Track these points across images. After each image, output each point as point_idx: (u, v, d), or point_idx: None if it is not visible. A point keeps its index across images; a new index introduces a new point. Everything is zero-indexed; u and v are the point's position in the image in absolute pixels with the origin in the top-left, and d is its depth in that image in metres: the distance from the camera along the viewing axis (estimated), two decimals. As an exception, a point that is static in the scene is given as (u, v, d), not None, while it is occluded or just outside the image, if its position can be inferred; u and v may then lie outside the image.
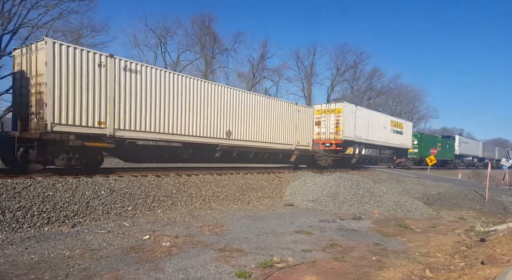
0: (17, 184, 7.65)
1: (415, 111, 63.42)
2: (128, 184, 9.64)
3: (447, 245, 8.04)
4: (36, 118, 9.44)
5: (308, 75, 49.82)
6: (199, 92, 13.41)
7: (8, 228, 6.63)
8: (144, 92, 11.41)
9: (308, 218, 10.20)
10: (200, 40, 38.01)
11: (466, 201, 17.54)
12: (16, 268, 5.08)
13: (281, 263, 5.86)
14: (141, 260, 5.68)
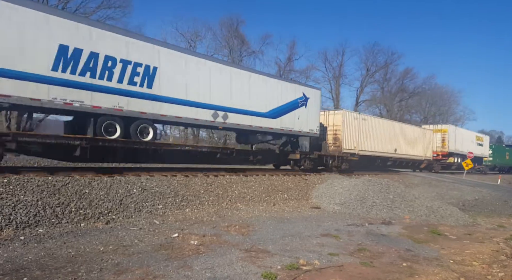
0: (56, 181, 8.11)
1: (451, 113, 60.85)
2: (159, 183, 9.95)
3: (484, 254, 7.63)
4: (335, 146, 19.33)
5: (337, 76, 49.19)
6: (384, 127, 23.05)
7: (49, 223, 7.04)
8: (367, 130, 21.20)
9: (335, 222, 10.04)
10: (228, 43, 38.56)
11: (506, 207, 16.59)
12: (55, 260, 5.39)
13: (307, 266, 5.82)
14: (170, 257, 5.85)
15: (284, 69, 44.06)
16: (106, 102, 10.17)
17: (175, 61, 11.82)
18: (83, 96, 9.70)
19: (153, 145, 11.42)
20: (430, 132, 28.01)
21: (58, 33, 9.22)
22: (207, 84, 12.76)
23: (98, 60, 9.96)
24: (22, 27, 8.63)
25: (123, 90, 10.52)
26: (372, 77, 50.87)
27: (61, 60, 9.31)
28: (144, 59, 10.98)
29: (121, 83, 10.48)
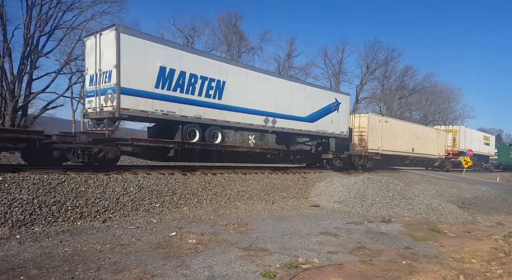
0: (52, 179, 8.03)
1: (450, 111, 60.86)
2: (156, 181, 9.88)
3: (483, 251, 7.60)
4: (360, 146, 20.88)
5: (336, 73, 49.08)
6: (403, 128, 24.80)
7: (45, 222, 6.97)
8: (388, 131, 22.96)
9: (334, 220, 10.01)
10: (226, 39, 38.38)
11: (504, 205, 16.60)
12: (51, 259, 5.33)
13: (307, 264, 5.77)
14: (168, 256, 5.79)
15: (284, 66, 43.96)
16: (190, 112, 12.32)
17: (238, 75, 13.90)
18: (175, 108, 11.85)
19: (221, 147, 13.52)
20: (443, 133, 30.28)
21: (159, 57, 11.34)
22: (260, 94, 14.73)
23: (185, 78, 12.09)
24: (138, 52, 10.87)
25: (202, 101, 12.67)
26: (372, 75, 50.80)
27: (161, 79, 11.42)
28: (216, 75, 13.07)
29: (200, 96, 12.61)
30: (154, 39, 11.59)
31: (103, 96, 10.96)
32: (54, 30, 25.11)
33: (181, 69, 11.95)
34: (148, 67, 11.08)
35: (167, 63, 11.54)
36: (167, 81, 11.59)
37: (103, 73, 10.96)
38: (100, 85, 11.05)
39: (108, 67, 10.81)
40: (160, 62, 11.38)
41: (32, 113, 26.34)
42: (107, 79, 10.82)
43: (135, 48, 10.78)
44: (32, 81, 24.85)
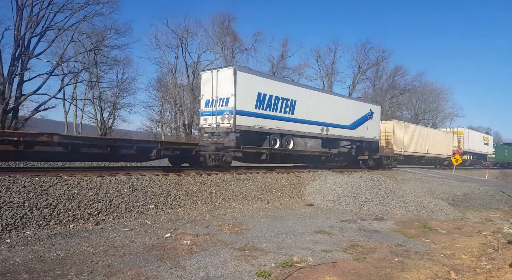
0: (44, 182, 7.95)
1: (440, 110, 61.62)
2: (150, 183, 9.83)
3: (473, 247, 7.74)
4: (387, 148, 23.99)
5: (329, 73, 49.31)
6: (420, 132, 28.97)
7: (36, 225, 6.89)
8: (409, 135, 26.56)
9: (328, 218, 10.08)
10: (220, 40, 38.24)
11: (493, 202, 16.89)
12: (43, 263, 5.28)
13: (301, 263, 5.81)
14: (162, 258, 5.78)
15: (277, 67, 43.96)
16: (274, 125, 16.01)
17: (304, 95, 17.72)
18: (265, 122, 15.57)
19: (292, 151, 17.55)
20: (450, 135, 34.75)
21: (257, 85, 15.11)
22: (318, 108, 18.34)
23: (272, 99, 15.80)
24: (246, 83, 14.65)
25: (281, 116, 16.38)
26: (364, 75, 51.10)
27: (258, 101, 15.15)
28: (290, 96, 16.78)
29: (280, 113, 16.30)
30: (254, 73, 16.00)
31: (220, 116, 14.66)
32: (46, 31, 24.80)
33: (270, 93, 15.71)
34: (251, 94, 14.90)
35: (261, 89, 15.31)
36: (261, 103, 15.38)
37: (220, 99, 14.70)
38: (217, 108, 14.76)
39: (225, 95, 14.53)
40: (258, 89, 15.19)
41: (23, 115, 25.99)
42: (224, 103, 14.58)
43: (244, 81, 14.51)
44: (23, 82, 24.51)
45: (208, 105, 15.21)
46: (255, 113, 15.01)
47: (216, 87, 14.77)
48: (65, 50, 27.88)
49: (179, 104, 35.73)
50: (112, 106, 35.60)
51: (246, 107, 14.62)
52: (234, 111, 14.15)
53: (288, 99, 16.59)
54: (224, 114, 14.47)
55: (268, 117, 15.66)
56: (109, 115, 35.88)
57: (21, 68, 23.81)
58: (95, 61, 30.73)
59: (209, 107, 15.15)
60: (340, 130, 19.87)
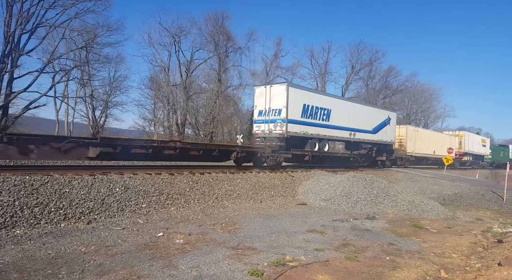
0: (34, 180, 7.86)
1: (432, 110, 62.27)
2: (142, 182, 9.78)
3: (463, 246, 7.86)
4: (401, 150, 27.62)
5: (322, 73, 49.40)
6: (427, 135, 32.75)
7: (26, 224, 6.82)
8: (418, 138, 30.06)
9: (321, 217, 10.13)
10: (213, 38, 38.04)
11: (483, 201, 17.12)
12: (34, 262, 5.22)
13: (294, 262, 5.84)
14: (155, 257, 5.76)
15: (271, 66, 43.91)
16: (314, 131, 18.87)
17: (337, 104, 20.79)
18: (308, 129, 18.45)
19: (328, 153, 20.21)
20: (453, 138, 38.53)
21: (302, 98, 18.22)
22: (346, 115, 21.11)
23: (313, 109, 18.70)
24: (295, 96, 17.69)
25: (319, 123, 19.25)
26: (357, 75, 51.28)
27: (303, 111, 18.11)
28: (327, 105, 19.75)
29: (318, 120, 19.16)
30: (301, 87, 19.39)
31: (272, 124, 17.56)
32: (36, 28, 24.42)
33: (312, 104, 18.63)
34: (298, 105, 17.85)
35: (305, 101, 18.27)
36: (305, 112, 18.26)
37: (273, 109, 17.64)
38: (270, 117, 17.73)
39: (278, 106, 17.50)
40: (303, 101, 18.11)
41: (14, 113, 25.59)
42: (276, 113, 17.48)
43: (294, 94, 17.54)
44: (13, 80, 24.12)
45: (261, 114, 18.29)
46: (300, 121, 18.00)
47: (270, 100, 17.83)
48: (56, 48, 27.51)
49: (172, 103, 35.52)
50: (104, 105, 35.26)
51: (294, 117, 17.60)
52: (286, 120, 17.15)
53: (325, 108, 19.56)
54: (276, 122, 17.47)
55: (310, 124, 18.62)
56: (101, 114, 35.55)
57: (11, 65, 23.45)
58: (87, 59, 30.40)
59: (262, 116, 18.22)
60: (364, 134, 22.86)
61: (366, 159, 25.04)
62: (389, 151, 26.11)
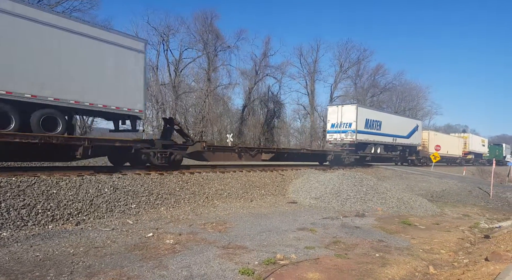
0: (21, 182, 7.70)
1: (419, 108, 63.18)
2: (131, 182, 9.68)
3: (451, 242, 8.01)
4: (424, 151, 33.98)
5: (311, 72, 49.69)
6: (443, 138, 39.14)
7: (13, 226, 6.68)
8: (436, 140, 35.47)
9: (311, 216, 10.19)
10: (202, 37, 37.91)
11: (470, 197, 17.47)
12: (21, 265, 5.12)
13: (284, 260, 5.87)
14: (144, 258, 5.71)
15: (260, 65, 43.97)
16: (371, 138, 25.19)
17: (385, 117, 27.28)
18: (368, 137, 24.84)
19: (379, 154, 26.51)
20: (461, 139, 44.42)
21: (365, 114, 24.68)
22: (390, 125, 27.39)
23: (371, 122, 25.10)
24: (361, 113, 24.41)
25: (375, 132, 25.66)
26: (346, 74, 51.78)
27: (365, 123, 24.49)
28: (379, 118, 26.19)
29: (374, 130, 25.55)
30: (364, 106, 27.74)
31: (344, 133, 24.03)
32: (20, 26, 23.86)
33: (370, 118, 25.26)
34: (362, 119, 24.31)
35: (367, 116, 24.90)
36: (367, 124, 24.81)
37: (344, 123, 24.14)
38: (341, 128, 24.25)
39: (348, 120, 23.99)
40: (365, 116, 24.73)
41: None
42: (347, 126, 23.99)
43: (360, 112, 24.20)
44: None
45: (333, 127, 24.95)
46: (364, 132, 24.50)
47: (341, 116, 24.45)
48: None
49: (161, 102, 35.26)
50: (92, 104, 34.67)
51: (361, 128, 24.15)
52: (355, 131, 23.78)
53: (378, 121, 26.17)
54: (347, 132, 23.98)
55: (370, 134, 25.18)
56: (89, 113, 34.99)
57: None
58: (74, 58, 29.83)
59: (334, 128, 24.87)
60: (401, 139, 29.16)
61: (401, 158, 30.77)
62: (417, 152, 32.69)
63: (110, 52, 11.13)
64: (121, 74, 11.47)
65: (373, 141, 25.47)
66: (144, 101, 12.54)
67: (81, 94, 10.36)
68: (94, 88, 10.72)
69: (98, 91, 10.83)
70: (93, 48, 10.65)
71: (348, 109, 24.37)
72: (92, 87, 10.66)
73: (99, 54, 10.83)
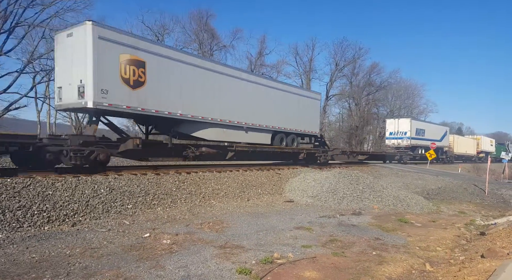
0: (16, 183, 7.65)
1: (415, 106, 63.46)
2: (128, 182, 9.64)
3: (447, 239, 8.05)
4: (450, 150, 42.45)
5: (307, 71, 49.68)
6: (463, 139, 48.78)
7: (9, 228, 6.63)
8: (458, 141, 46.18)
9: (308, 214, 10.21)
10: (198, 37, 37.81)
11: (466, 195, 17.58)
12: (17, 267, 5.09)
13: (282, 259, 5.87)
14: (141, 258, 5.70)
15: (255, 64, 43.93)
16: (420, 143, 34.24)
17: (427, 125, 36.94)
18: (417, 141, 33.79)
19: (423, 154, 32.63)
20: (474, 140, 51.77)
21: (415, 124, 34.38)
22: (431, 132, 35.60)
23: (419, 130, 34.25)
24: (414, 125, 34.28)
25: (421, 138, 34.41)
26: (341, 72, 51.73)
27: (415, 132, 33.94)
28: (422, 127, 35.09)
29: (420, 136, 34.25)
30: (415, 118, 37.54)
31: (400, 139, 32.99)
32: (15, 27, 23.64)
33: (418, 127, 33.78)
34: (414, 129, 32.91)
35: (416, 126, 33.54)
36: (416, 132, 33.23)
37: (400, 131, 33.08)
38: (398, 136, 33.28)
39: (404, 130, 32.91)
40: (415, 126, 33.25)
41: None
42: (403, 134, 33.06)
43: (413, 124, 33.07)
44: (-8, 81, 23.52)
45: (391, 134, 33.94)
46: (415, 138, 32.93)
47: (398, 126, 33.52)
48: (36, 47, 26.78)
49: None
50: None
51: (413, 135, 32.59)
52: (410, 138, 32.56)
53: (423, 129, 34.51)
54: (403, 139, 32.76)
55: (418, 139, 33.24)
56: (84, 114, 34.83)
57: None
58: (68, 58, 29.63)
59: (392, 136, 33.82)
60: (437, 142, 35.48)
61: (436, 158, 36.91)
62: (445, 152, 40.39)
63: (307, 102, 19.38)
64: (309, 113, 19.68)
65: (420, 145, 33.81)
66: (319, 127, 22.11)
67: (295, 125, 18.39)
68: (300, 121, 18.77)
69: (301, 123, 18.89)
70: (298, 100, 18.70)
71: (404, 121, 33.43)
72: (299, 121, 18.62)
73: (301, 103, 18.86)
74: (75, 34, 10.04)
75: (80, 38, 9.82)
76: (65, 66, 10.35)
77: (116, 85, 10.20)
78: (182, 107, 12.20)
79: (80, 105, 9.96)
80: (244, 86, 15.00)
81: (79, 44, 9.88)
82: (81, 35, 9.81)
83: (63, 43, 10.41)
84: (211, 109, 13.26)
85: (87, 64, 9.67)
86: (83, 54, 9.75)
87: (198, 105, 12.76)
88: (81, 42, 9.79)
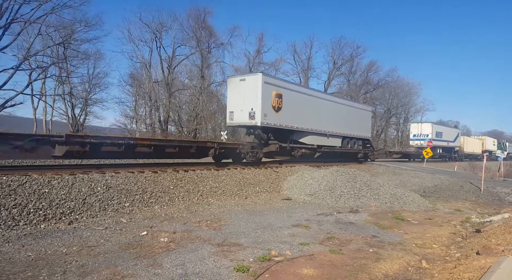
0: (12, 181, 7.60)
1: (412, 105, 63.65)
2: (125, 180, 9.61)
3: (443, 237, 8.10)
4: (461, 150, 48.69)
5: (305, 69, 49.62)
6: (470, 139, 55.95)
7: (4, 226, 6.59)
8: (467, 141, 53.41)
9: (305, 212, 10.23)
10: (195, 34, 37.57)
11: (462, 192, 17.68)
12: (13, 265, 5.06)
13: (279, 257, 5.88)
14: (139, 256, 5.68)
15: (254, 62, 43.81)
16: (439, 143, 39.42)
17: (443, 128, 42.55)
18: (437, 142, 38.52)
19: (440, 153, 41.15)
20: (479, 141, 57.40)
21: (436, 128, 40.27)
22: (447, 134, 41.88)
23: (439, 133, 40.23)
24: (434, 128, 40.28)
25: (438, 139, 39.49)
26: (339, 70, 51.70)
27: (435, 134, 38.99)
28: (440, 130, 40.87)
29: (440, 137, 39.99)
30: (435, 123, 41.86)
31: (423, 141, 37.49)
32: (10, 24, 23.43)
33: (438, 130, 39.64)
34: (434, 131, 38.68)
35: (436, 129, 39.28)
36: (436, 134, 38.87)
37: (423, 134, 38.65)
38: (420, 137, 38.52)
39: (425, 132, 38.44)
40: (435, 129, 38.86)
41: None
42: (425, 136, 37.99)
43: (434, 127, 39.07)
44: (-13, 78, 23.37)
45: (415, 136, 38.65)
46: (435, 139, 37.18)
47: (421, 130, 38.38)
48: (32, 44, 26.54)
49: (154, 100, 34.97)
50: (83, 102, 34.34)
51: (433, 137, 37.08)
52: (431, 139, 35.95)
53: (441, 132, 39.73)
54: (425, 140, 36.38)
55: (437, 140, 37.88)
56: (81, 112, 34.65)
57: (-15, 62, 22.58)
58: (64, 56, 29.44)
59: (415, 137, 38.54)
60: (451, 143, 42.29)
61: (448, 157, 42.82)
62: (457, 151, 45.44)
63: (363, 113, 24.89)
64: (365, 122, 25.17)
65: (439, 145, 39.21)
66: (371, 132, 27.78)
67: (356, 131, 23.30)
68: (359, 128, 23.78)
69: (359, 129, 23.91)
70: (358, 112, 24.04)
71: (426, 125, 39.23)
72: (357, 128, 23.56)
73: (359, 114, 24.18)
74: (247, 80, 15.94)
75: (253, 83, 15.53)
76: (236, 98, 16.05)
77: (269, 111, 15.67)
78: (297, 122, 17.51)
79: (251, 123, 15.55)
80: (324, 104, 20.10)
81: (251, 86, 15.50)
82: (253, 80, 15.64)
83: (235, 83, 16.38)
84: (309, 122, 18.36)
85: (257, 99, 15.24)
86: (255, 92, 15.31)
87: (304, 120, 17.96)
88: (253, 85, 15.44)
